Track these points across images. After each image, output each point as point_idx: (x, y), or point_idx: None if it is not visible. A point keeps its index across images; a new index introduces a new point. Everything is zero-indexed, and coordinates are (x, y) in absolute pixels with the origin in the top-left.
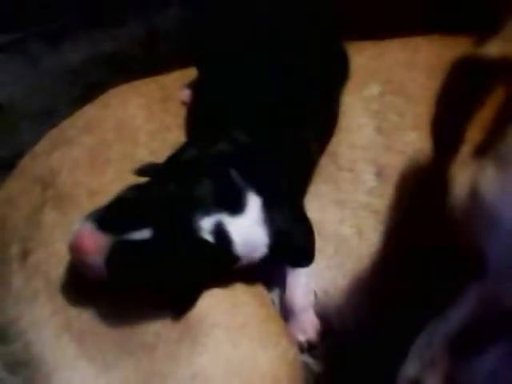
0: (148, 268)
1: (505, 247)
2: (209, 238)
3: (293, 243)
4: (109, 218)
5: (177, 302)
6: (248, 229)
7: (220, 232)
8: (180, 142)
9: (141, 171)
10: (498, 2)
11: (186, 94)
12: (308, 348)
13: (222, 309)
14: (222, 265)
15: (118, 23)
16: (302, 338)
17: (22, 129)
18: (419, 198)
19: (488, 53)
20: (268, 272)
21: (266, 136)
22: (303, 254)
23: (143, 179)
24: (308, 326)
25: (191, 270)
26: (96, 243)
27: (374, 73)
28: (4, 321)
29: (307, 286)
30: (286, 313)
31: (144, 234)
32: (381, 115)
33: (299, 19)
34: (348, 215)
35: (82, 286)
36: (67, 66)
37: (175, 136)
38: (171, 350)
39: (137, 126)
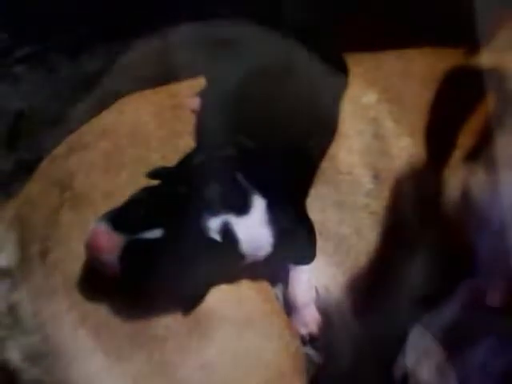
0: (159, 265)
1: (493, 246)
2: (216, 237)
3: (295, 242)
4: (122, 218)
5: (186, 298)
6: (253, 229)
7: (227, 232)
8: (189, 147)
9: (153, 174)
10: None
11: (195, 102)
12: (309, 340)
13: (229, 304)
14: (228, 262)
15: (132, 35)
16: (303, 331)
17: (42, 134)
18: (414, 200)
19: (479, 63)
20: (272, 269)
21: (269, 141)
22: (305, 253)
23: (155, 182)
24: (309, 319)
25: (200, 267)
26: (110, 242)
27: (372, 82)
28: (25, 314)
29: (309, 282)
30: (289, 307)
31: (155, 233)
32: (378, 122)
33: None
34: (347, 216)
35: (97, 282)
36: (84, 75)
37: (185, 141)
38: (181, 343)
39: (149, 132)
